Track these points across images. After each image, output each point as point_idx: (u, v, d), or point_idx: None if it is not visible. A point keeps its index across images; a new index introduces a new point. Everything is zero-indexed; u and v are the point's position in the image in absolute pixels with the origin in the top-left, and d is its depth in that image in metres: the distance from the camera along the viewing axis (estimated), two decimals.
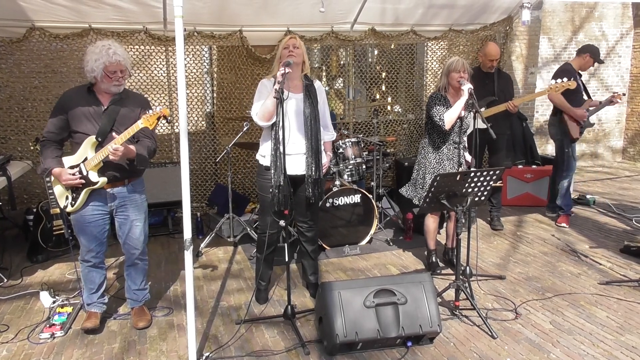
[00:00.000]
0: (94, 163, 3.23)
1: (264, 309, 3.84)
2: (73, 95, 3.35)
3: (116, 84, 3.28)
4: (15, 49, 5.23)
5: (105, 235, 3.50)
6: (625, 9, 8.95)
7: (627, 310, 3.73)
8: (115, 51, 3.21)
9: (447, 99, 4.17)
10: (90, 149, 3.25)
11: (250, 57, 5.93)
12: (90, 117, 3.28)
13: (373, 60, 7.21)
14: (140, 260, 3.64)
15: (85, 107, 3.28)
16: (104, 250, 3.55)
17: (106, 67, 3.21)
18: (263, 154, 3.69)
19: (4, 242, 5.19)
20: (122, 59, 3.25)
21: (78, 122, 3.29)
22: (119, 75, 3.27)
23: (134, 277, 3.66)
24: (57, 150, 3.37)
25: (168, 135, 6.22)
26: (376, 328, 3.14)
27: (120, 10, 4.87)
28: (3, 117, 5.44)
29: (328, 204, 4.93)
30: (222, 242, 5.34)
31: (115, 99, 3.34)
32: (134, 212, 3.49)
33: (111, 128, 3.28)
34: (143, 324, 3.59)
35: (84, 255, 3.50)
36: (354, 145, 5.31)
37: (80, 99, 3.30)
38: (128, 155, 3.27)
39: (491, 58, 5.16)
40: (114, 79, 3.25)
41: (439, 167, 4.23)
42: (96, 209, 3.39)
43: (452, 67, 4.08)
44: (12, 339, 3.45)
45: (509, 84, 5.34)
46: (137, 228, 3.52)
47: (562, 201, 5.70)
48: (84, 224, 3.40)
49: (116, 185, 3.40)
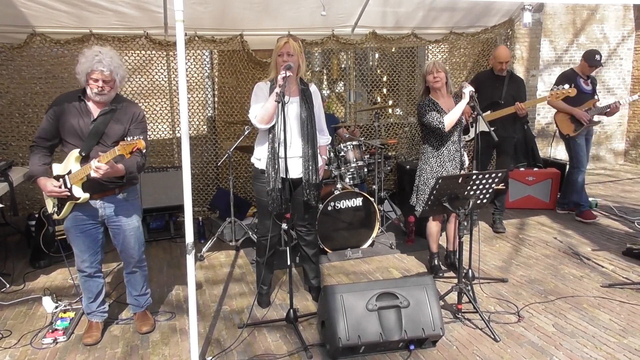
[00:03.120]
0: (78, 177, 3.13)
1: (266, 313, 3.84)
2: (65, 101, 3.24)
3: (97, 92, 3.15)
4: (16, 54, 5.25)
5: (99, 244, 3.43)
6: (627, 11, 8.95)
7: (630, 313, 3.72)
8: (100, 59, 3.09)
9: (436, 102, 4.20)
10: (75, 163, 3.15)
11: (251, 61, 5.94)
12: (78, 128, 3.19)
13: (374, 64, 7.22)
14: (139, 267, 3.58)
15: (75, 116, 3.20)
16: (99, 259, 3.47)
17: (89, 74, 3.12)
18: (259, 157, 3.66)
19: (7, 248, 5.19)
20: (106, 69, 3.10)
21: (66, 132, 3.20)
22: (101, 85, 3.13)
23: (134, 284, 3.62)
24: (45, 157, 3.27)
25: (170, 140, 6.23)
26: (379, 331, 3.13)
27: (121, 15, 4.87)
28: (4, 123, 5.45)
29: (330, 207, 4.92)
30: (224, 246, 5.34)
31: (105, 110, 3.23)
32: (126, 221, 3.40)
33: (98, 141, 3.19)
34: (147, 329, 3.58)
35: (79, 265, 3.42)
36: (355, 148, 5.31)
37: (71, 106, 3.21)
38: (115, 175, 3.15)
39: (500, 60, 5.19)
40: (94, 87, 3.13)
41: (441, 170, 4.22)
42: (87, 219, 3.32)
43: (425, 71, 4.25)
44: (15, 344, 3.45)
45: (520, 88, 5.36)
46: (131, 237, 3.44)
47: (578, 197, 5.89)
48: (75, 235, 3.34)
49: (106, 195, 3.30)
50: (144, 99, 6.00)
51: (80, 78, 3.18)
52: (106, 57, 3.12)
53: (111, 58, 3.15)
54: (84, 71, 3.13)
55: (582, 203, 5.89)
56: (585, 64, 5.64)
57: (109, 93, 3.20)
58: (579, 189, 5.85)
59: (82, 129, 3.19)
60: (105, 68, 3.10)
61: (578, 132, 5.67)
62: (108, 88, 3.18)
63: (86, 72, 3.12)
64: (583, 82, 5.63)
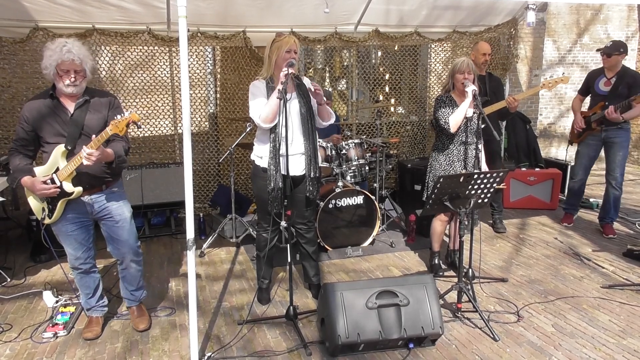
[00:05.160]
0: (67, 173, 3.07)
1: (266, 310, 3.84)
2: (36, 106, 3.14)
3: (69, 84, 3.07)
4: (18, 49, 5.24)
5: (91, 240, 3.40)
6: (631, 11, 8.92)
7: (630, 314, 3.72)
8: (69, 49, 3.01)
9: (454, 100, 4.17)
10: (61, 159, 3.08)
11: (254, 58, 5.93)
12: (58, 127, 3.12)
13: (376, 62, 7.21)
14: (134, 262, 3.52)
15: (51, 116, 3.12)
16: (92, 255, 3.44)
17: (58, 65, 3.03)
18: (260, 155, 3.64)
19: (8, 242, 5.21)
20: (76, 58, 3.03)
21: (46, 134, 3.13)
22: (72, 75, 3.06)
23: (129, 279, 3.57)
24: (26, 159, 3.21)
25: (171, 136, 6.23)
26: (378, 329, 3.14)
27: (123, 10, 4.88)
28: (6, 117, 5.45)
29: (331, 205, 4.93)
30: (225, 243, 5.34)
31: (80, 102, 3.16)
32: (117, 215, 3.35)
33: (80, 133, 3.13)
34: (144, 326, 3.54)
35: (73, 263, 3.39)
36: (357, 146, 5.31)
37: (44, 107, 3.13)
38: (106, 159, 3.10)
39: (483, 52, 5.16)
40: (65, 79, 3.06)
41: (450, 169, 4.22)
42: (76, 217, 3.28)
43: (457, 68, 4.07)
44: (16, 338, 3.46)
45: (499, 86, 5.35)
46: (123, 230, 3.39)
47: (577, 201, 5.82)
48: (66, 234, 3.30)
49: (94, 192, 3.26)
50: (146, 95, 6.00)
51: (49, 72, 3.08)
52: (74, 47, 3.05)
53: (79, 47, 3.09)
54: (52, 64, 3.04)
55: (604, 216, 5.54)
56: (601, 56, 5.27)
57: (81, 84, 3.13)
58: (573, 193, 5.78)
59: (62, 126, 3.13)
60: (75, 57, 3.03)
61: (580, 139, 5.54)
62: (80, 78, 3.11)
63: (55, 64, 3.03)
64: (603, 83, 5.29)
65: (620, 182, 5.34)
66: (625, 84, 5.12)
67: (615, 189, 5.34)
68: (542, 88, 4.80)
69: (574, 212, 5.88)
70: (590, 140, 5.44)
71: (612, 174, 5.32)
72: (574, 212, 5.88)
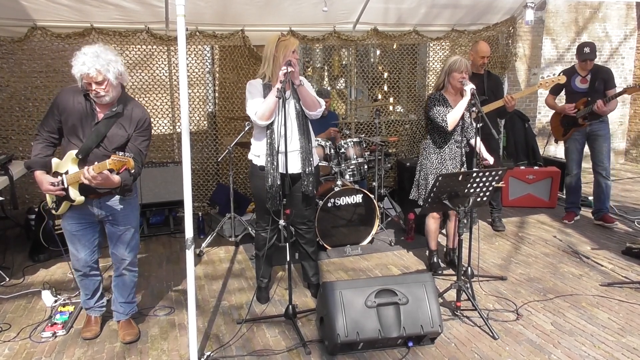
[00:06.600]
0: (75, 179, 3.01)
1: (265, 309, 3.84)
2: (70, 97, 3.06)
3: (94, 96, 3.00)
4: (16, 48, 5.24)
5: (95, 244, 3.35)
6: (630, 9, 8.93)
7: (629, 312, 3.72)
8: (84, 62, 2.87)
9: (446, 99, 4.17)
10: (72, 164, 3.04)
11: (252, 57, 5.92)
12: (80, 129, 3.05)
13: (375, 61, 7.20)
14: (129, 271, 3.42)
15: (79, 115, 3.05)
16: (95, 259, 3.38)
17: (81, 77, 2.94)
18: (257, 154, 3.64)
19: (6, 242, 5.20)
20: (92, 70, 2.88)
21: (68, 130, 3.08)
22: (94, 89, 2.95)
23: (121, 289, 3.45)
24: (47, 149, 3.14)
25: (170, 135, 6.23)
26: (377, 328, 3.14)
27: (122, 9, 4.87)
28: (4, 116, 5.45)
29: (330, 203, 4.92)
30: (224, 242, 5.34)
31: (110, 114, 3.06)
32: (123, 221, 3.29)
33: (98, 144, 3.05)
34: (130, 338, 3.38)
35: (74, 264, 3.35)
36: (355, 145, 5.31)
37: (76, 104, 3.05)
38: (109, 186, 3.00)
39: (482, 55, 5.15)
40: (91, 92, 2.98)
41: (441, 167, 4.22)
42: (83, 219, 3.23)
43: (455, 67, 4.07)
44: (14, 337, 3.45)
45: (498, 85, 5.35)
46: (126, 237, 3.33)
47: (576, 198, 5.90)
48: (70, 234, 3.26)
49: (104, 195, 3.18)
50: (145, 94, 6.00)
51: (78, 82, 3.02)
52: (89, 58, 2.89)
53: (97, 56, 2.91)
54: (77, 76, 2.96)
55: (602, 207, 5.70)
56: (577, 58, 5.48)
57: (108, 94, 3.00)
58: (571, 191, 5.84)
59: (84, 130, 3.07)
60: (90, 70, 2.88)
61: (567, 136, 5.66)
62: (104, 89, 2.97)
63: (79, 75, 2.95)
64: (579, 80, 5.47)
65: (609, 171, 5.63)
66: (600, 79, 5.40)
67: (606, 178, 5.59)
68: (539, 87, 4.85)
69: (577, 211, 5.93)
70: (577, 135, 5.65)
71: (602, 164, 5.57)
72: (577, 210, 5.93)
